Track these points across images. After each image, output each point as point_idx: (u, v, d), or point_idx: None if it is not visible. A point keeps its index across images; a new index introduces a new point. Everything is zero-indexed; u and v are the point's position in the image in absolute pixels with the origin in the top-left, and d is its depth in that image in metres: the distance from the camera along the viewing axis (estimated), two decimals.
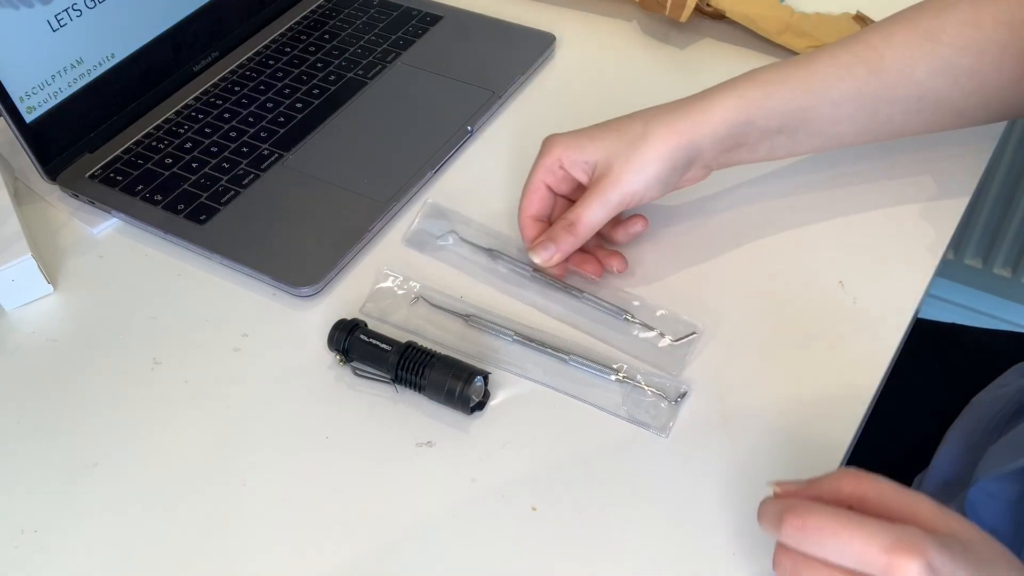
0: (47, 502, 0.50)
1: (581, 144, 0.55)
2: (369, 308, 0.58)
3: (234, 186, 0.65)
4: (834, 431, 0.50)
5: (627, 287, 0.57)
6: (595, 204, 0.54)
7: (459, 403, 0.50)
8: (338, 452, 0.51)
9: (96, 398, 0.55)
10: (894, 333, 0.54)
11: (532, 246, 0.55)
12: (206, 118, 0.70)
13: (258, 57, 0.76)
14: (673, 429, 0.50)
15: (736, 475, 0.48)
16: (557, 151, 0.55)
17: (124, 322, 0.59)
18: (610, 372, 0.52)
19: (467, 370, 0.51)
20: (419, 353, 0.52)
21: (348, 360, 0.54)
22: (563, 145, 0.55)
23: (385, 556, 0.46)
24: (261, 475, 0.50)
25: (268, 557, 0.47)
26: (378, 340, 0.53)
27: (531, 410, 0.52)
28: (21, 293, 0.60)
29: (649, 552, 0.46)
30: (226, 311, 0.59)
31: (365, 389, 0.53)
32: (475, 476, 0.49)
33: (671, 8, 0.73)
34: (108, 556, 0.47)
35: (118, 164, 0.67)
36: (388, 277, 0.59)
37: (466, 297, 0.58)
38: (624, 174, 0.53)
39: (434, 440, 0.51)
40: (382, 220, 0.62)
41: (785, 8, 0.72)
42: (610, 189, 0.53)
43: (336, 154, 0.67)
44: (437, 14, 0.79)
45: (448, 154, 0.67)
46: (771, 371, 0.53)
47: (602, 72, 0.74)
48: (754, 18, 0.72)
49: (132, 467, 0.51)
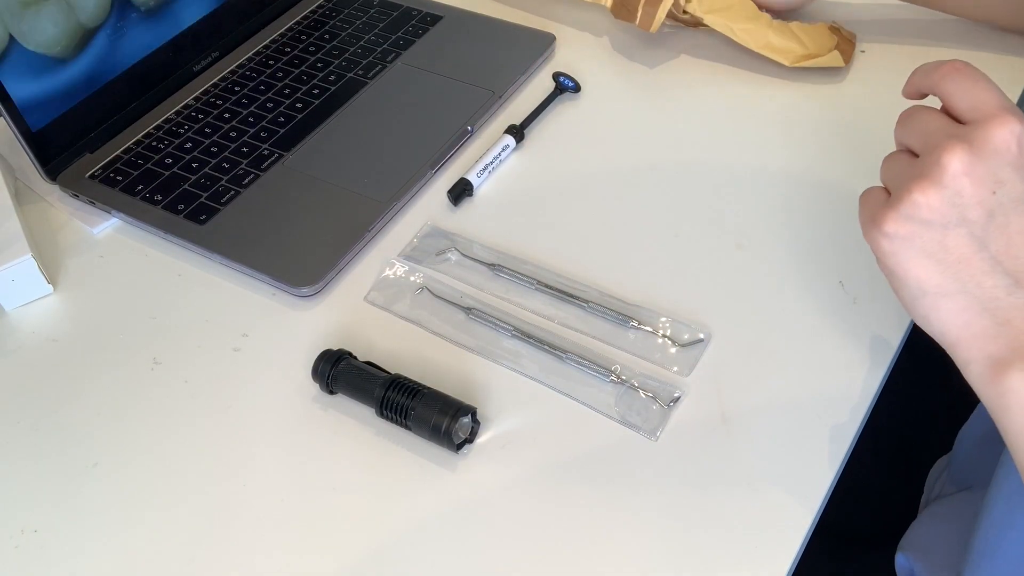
0: (47, 502, 0.50)
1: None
2: (374, 296, 0.58)
3: (234, 186, 0.65)
4: (834, 431, 0.50)
5: (630, 292, 0.57)
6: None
7: (444, 441, 0.49)
8: (338, 452, 0.51)
9: (96, 398, 0.55)
10: (895, 333, 0.54)
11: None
12: (206, 118, 0.70)
13: (258, 57, 0.76)
14: (669, 432, 0.50)
15: (736, 476, 0.48)
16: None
17: (124, 322, 0.59)
18: (606, 373, 0.52)
19: (453, 406, 0.49)
20: (402, 393, 0.50)
21: (332, 393, 0.53)
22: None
23: (384, 556, 0.46)
24: (261, 475, 0.50)
25: (268, 557, 0.47)
26: (362, 377, 0.51)
27: (527, 409, 0.52)
28: (21, 293, 0.60)
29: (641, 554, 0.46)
30: (226, 311, 0.59)
31: None
32: (473, 476, 0.49)
33: (641, 18, 0.72)
34: (108, 556, 0.47)
35: (118, 164, 0.67)
36: (394, 266, 0.59)
37: (469, 295, 0.58)
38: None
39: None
40: (382, 220, 0.62)
41: (763, 16, 0.72)
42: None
43: (336, 154, 0.67)
44: (437, 14, 0.79)
45: (448, 154, 0.67)
46: (771, 372, 0.53)
47: (602, 72, 0.74)
48: (733, 28, 0.71)
49: (132, 467, 0.51)
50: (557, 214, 0.63)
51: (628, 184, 0.64)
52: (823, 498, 0.47)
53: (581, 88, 0.72)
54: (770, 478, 0.48)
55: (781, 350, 0.54)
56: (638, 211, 0.62)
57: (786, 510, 0.47)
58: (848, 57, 0.72)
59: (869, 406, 0.51)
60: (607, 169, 0.66)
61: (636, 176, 0.65)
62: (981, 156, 0.39)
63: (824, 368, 0.53)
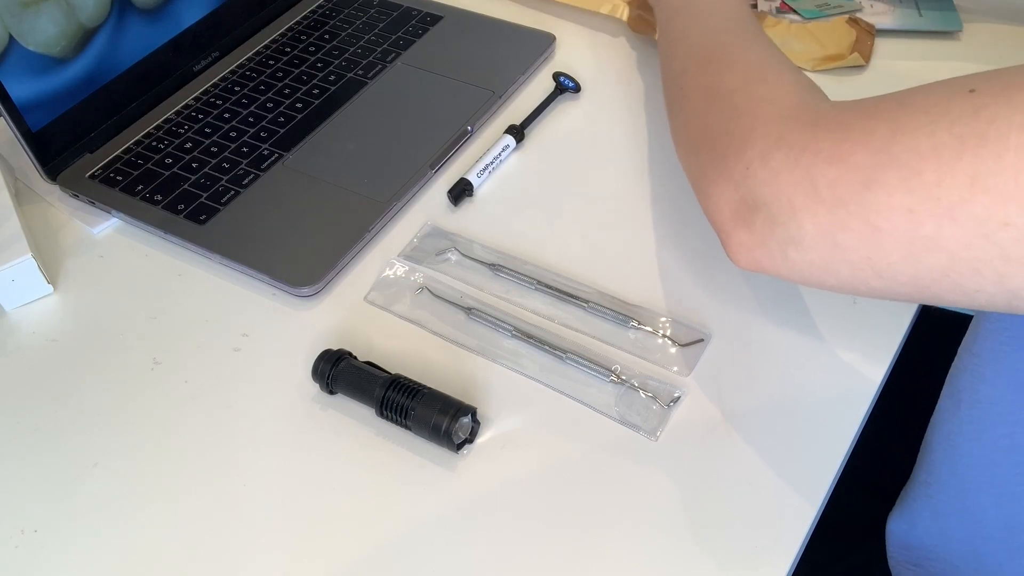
0: (47, 502, 0.50)
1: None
2: (374, 296, 0.58)
3: (234, 186, 0.65)
4: (834, 431, 0.50)
5: (630, 292, 0.57)
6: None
7: (444, 441, 0.49)
8: (338, 452, 0.51)
9: (96, 398, 0.55)
10: (895, 333, 0.54)
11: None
12: (206, 118, 0.70)
13: (258, 57, 0.76)
14: (669, 432, 0.50)
15: (736, 475, 0.48)
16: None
17: (124, 322, 0.59)
18: (607, 373, 0.52)
19: (453, 406, 0.49)
20: (402, 394, 0.50)
21: (332, 393, 0.53)
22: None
23: (384, 556, 0.46)
24: (261, 475, 0.50)
25: (268, 557, 0.47)
26: (362, 377, 0.51)
27: (527, 409, 0.52)
28: (21, 293, 0.60)
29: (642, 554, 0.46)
30: (226, 311, 0.59)
31: None
32: (473, 476, 0.49)
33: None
34: (108, 556, 0.47)
35: (118, 164, 0.67)
36: (394, 266, 0.59)
37: (469, 295, 0.58)
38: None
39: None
40: (382, 220, 0.62)
41: (781, 20, 0.72)
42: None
43: (336, 154, 0.67)
44: (437, 14, 0.79)
45: (448, 154, 0.67)
46: (771, 371, 0.53)
47: (602, 72, 0.74)
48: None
49: (132, 467, 0.51)
50: (557, 214, 0.63)
51: (628, 184, 0.64)
52: (823, 498, 0.47)
53: (581, 88, 0.72)
54: (770, 478, 0.48)
55: (781, 350, 0.54)
56: (638, 211, 0.62)
57: (786, 510, 0.47)
58: (868, 53, 0.72)
59: (869, 406, 0.51)
60: (607, 169, 0.66)
61: (636, 176, 0.65)
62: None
63: (824, 368, 0.53)
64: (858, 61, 0.71)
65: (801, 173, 0.40)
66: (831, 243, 0.39)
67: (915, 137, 0.37)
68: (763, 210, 0.41)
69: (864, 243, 0.38)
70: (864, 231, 0.38)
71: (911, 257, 0.37)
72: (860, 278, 0.40)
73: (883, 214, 0.37)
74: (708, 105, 0.50)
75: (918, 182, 0.36)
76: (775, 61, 0.50)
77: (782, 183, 0.40)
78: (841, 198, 0.38)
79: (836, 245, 0.39)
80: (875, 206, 0.37)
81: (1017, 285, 0.35)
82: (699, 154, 0.48)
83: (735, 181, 0.43)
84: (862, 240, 0.38)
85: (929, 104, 0.37)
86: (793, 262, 0.41)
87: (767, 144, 0.42)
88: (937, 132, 0.36)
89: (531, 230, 0.62)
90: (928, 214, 0.36)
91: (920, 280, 0.38)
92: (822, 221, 0.39)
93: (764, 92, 0.46)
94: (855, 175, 0.38)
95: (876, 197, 0.37)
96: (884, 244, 0.38)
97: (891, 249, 0.38)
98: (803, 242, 0.40)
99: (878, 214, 0.37)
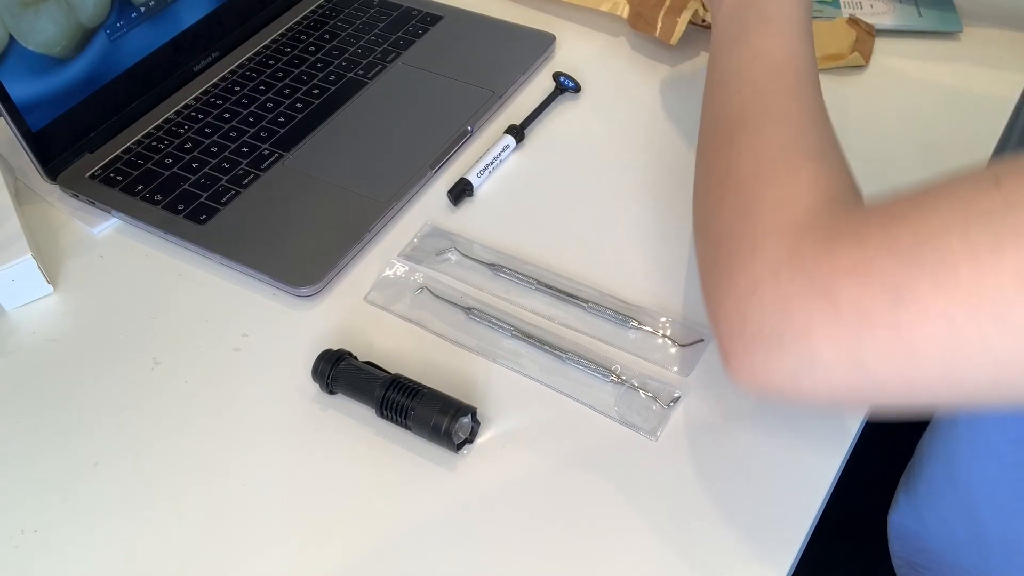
0: (47, 502, 0.50)
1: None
2: (374, 296, 0.58)
3: (234, 186, 0.65)
4: (834, 430, 0.50)
5: (630, 292, 0.57)
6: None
7: (444, 441, 0.49)
8: (338, 452, 0.51)
9: (96, 398, 0.55)
10: None
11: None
12: (206, 118, 0.70)
13: (258, 57, 0.76)
14: (669, 432, 0.50)
15: (736, 475, 0.48)
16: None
17: (124, 322, 0.59)
18: (607, 373, 0.52)
19: (453, 406, 0.49)
20: (402, 394, 0.50)
21: (332, 393, 0.53)
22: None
23: (384, 556, 0.46)
24: (261, 475, 0.50)
25: (267, 557, 0.47)
26: (362, 377, 0.51)
27: (527, 409, 0.52)
28: (21, 293, 0.60)
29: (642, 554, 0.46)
30: (226, 311, 0.59)
31: None
32: (473, 476, 0.49)
33: (661, 30, 0.73)
34: (108, 556, 0.47)
35: (118, 164, 0.67)
36: (394, 266, 0.59)
37: (469, 295, 0.58)
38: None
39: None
40: (382, 220, 0.62)
41: None
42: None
43: (336, 154, 0.67)
44: (437, 14, 0.79)
45: (448, 154, 0.67)
46: None
47: (602, 72, 0.74)
48: None
49: (132, 467, 0.51)
50: (557, 214, 0.63)
51: (628, 184, 0.64)
52: (824, 497, 0.47)
53: (581, 88, 0.72)
54: (770, 478, 0.48)
55: None
56: (638, 211, 0.62)
57: (786, 510, 0.47)
58: (868, 53, 0.72)
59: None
60: (607, 169, 0.66)
61: (636, 176, 0.65)
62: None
63: None
64: (858, 61, 0.71)
65: (818, 293, 0.36)
66: (854, 364, 0.36)
67: (946, 238, 0.34)
68: (772, 333, 0.38)
69: (895, 360, 0.35)
70: (895, 347, 0.35)
71: (952, 369, 0.34)
72: (889, 396, 0.37)
73: (917, 324, 0.34)
74: (722, 190, 0.45)
75: (954, 283, 0.33)
76: (803, 140, 0.44)
77: (795, 305, 0.37)
78: (867, 315, 0.35)
79: (860, 365, 0.36)
80: (907, 317, 0.34)
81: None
82: (706, 251, 0.44)
83: (738, 298, 0.39)
84: (893, 357, 0.35)
85: (954, 202, 0.34)
86: (804, 386, 0.38)
87: (778, 259, 0.38)
88: (970, 229, 0.33)
89: (531, 230, 0.62)
90: (969, 318, 0.33)
91: (962, 389, 0.35)
92: (844, 343, 0.36)
93: (774, 192, 0.42)
94: (881, 287, 0.35)
95: (908, 307, 0.34)
96: (919, 358, 0.34)
97: (928, 363, 0.34)
98: (817, 365, 0.37)
99: (912, 326, 0.34)
